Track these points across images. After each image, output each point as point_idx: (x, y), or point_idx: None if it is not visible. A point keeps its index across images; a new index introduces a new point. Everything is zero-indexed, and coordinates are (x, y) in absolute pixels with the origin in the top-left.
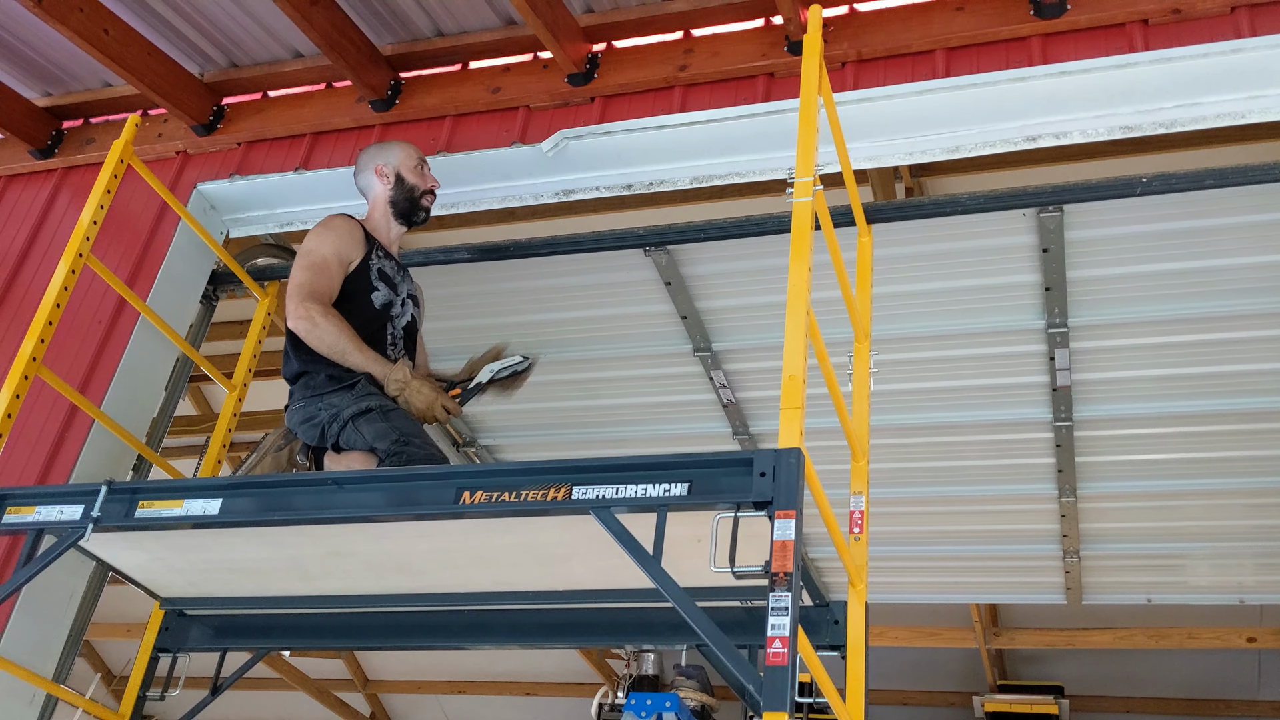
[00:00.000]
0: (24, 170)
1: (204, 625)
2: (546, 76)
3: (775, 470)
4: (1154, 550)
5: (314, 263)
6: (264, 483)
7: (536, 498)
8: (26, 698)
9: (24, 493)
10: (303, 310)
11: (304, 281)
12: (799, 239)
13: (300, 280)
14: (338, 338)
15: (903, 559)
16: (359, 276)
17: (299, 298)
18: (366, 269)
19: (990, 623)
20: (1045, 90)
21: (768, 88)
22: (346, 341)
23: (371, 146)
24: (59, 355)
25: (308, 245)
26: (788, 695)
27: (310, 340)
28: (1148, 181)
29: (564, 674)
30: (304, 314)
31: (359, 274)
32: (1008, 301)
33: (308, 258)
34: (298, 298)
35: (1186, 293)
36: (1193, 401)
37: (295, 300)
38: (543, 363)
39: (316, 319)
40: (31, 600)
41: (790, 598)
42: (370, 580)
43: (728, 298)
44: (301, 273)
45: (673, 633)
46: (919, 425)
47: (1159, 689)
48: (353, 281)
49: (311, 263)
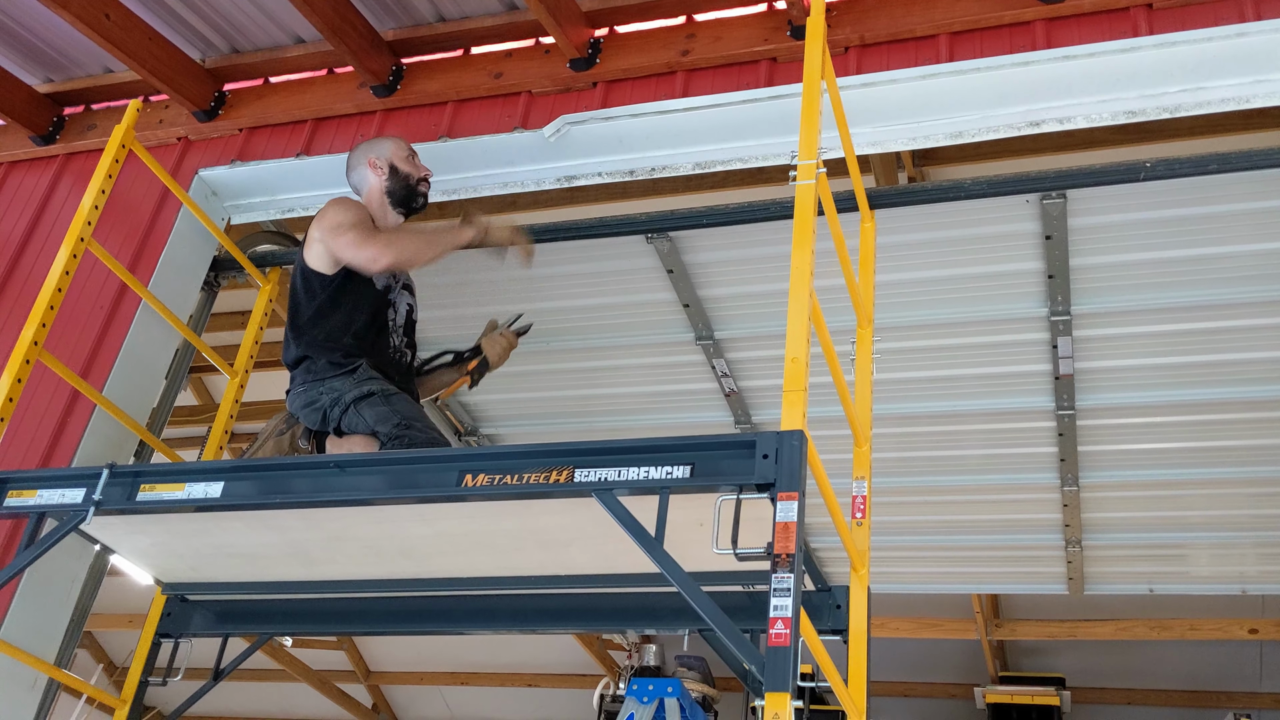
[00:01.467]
0: (25, 156)
1: (206, 610)
2: (548, 62)
3: (778, 452)
4: (1156, 540)
5: (352, 220)
6: (265, 466)
7: (538, 480)
8: (28, 682)
9: (26, 476)
10: (372, 249)
11: (354, 235)
12: (802, 222)
13: (350, 237)
14: (417, 240)
15: (904, 548)
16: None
17: (359, 244)
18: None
19: (991, 614)
20: (1049, 75)
21: (770, 73)
22: (424, 236)
23: (360, 145)
24: (61, 340)
25: (335, 218)
26: (790, 676)
27: (406, 262)
28: (1151, 166)
29: (566, 665)
30: (376, 249)
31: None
32: (1010, 289)
33: (341, 221)
34: (358, 245)
35: (1190, 280)
36: (1196, 390)
37: (357, 248)
38: (544, 351)
39: (389, 242)
40: (33, 585)
41: (792, 579)
42: (372, 565)
43: (730, 286)
44: (345, 231)
45: (675, 617)
46: (920, 414)
47: (1160, 680)
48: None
49: (349, 220)
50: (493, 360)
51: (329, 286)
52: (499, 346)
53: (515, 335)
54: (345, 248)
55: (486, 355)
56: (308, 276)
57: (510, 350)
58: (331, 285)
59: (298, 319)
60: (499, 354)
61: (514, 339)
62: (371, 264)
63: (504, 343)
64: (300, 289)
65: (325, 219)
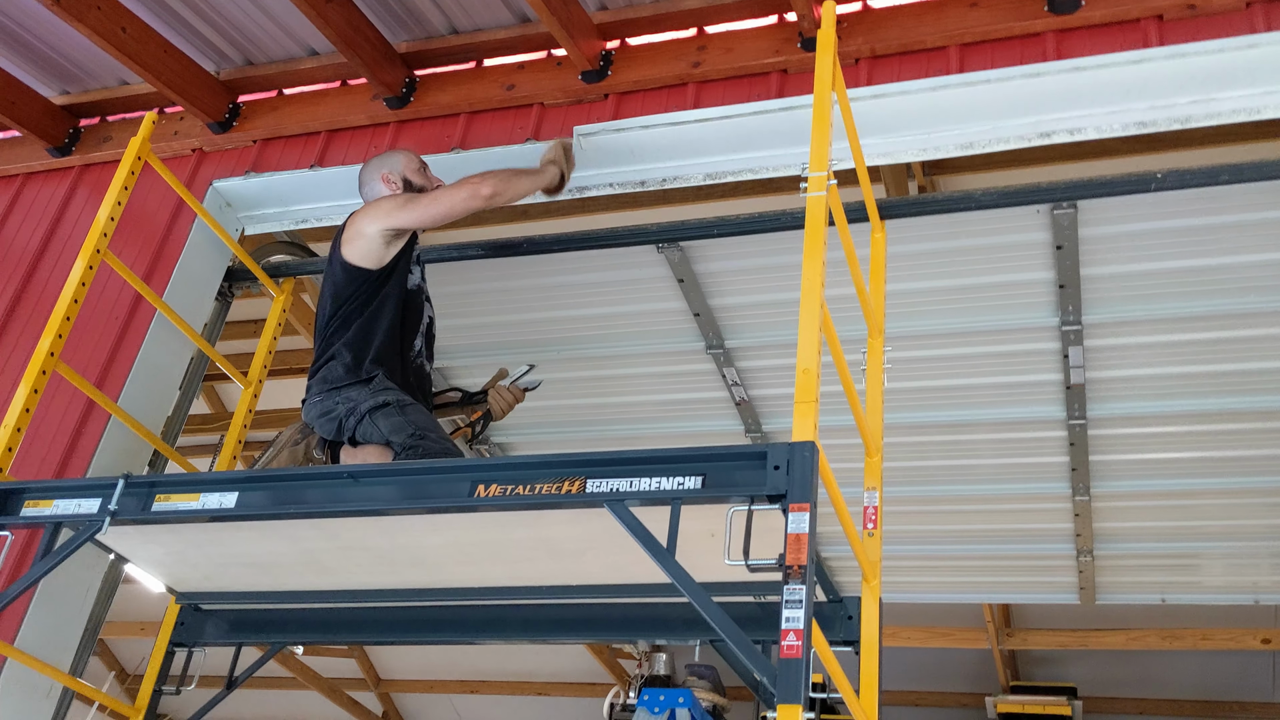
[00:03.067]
0: (41, 168)
1: (219, 620)
2: (560, 74)
3: (789, 463)
4: (1168, 550)
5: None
6: (279, 476)
7: (550, 491)
8: (44, 691)
9: (42, 486)
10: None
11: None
12: (813, 233)
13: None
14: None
15: (915, 558)
16: (405, 253)
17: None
18: (411, 247)
19: (1003, 623)
20: (1059, 86)
21: (781, 84)
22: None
23: (372, 160)
24: (76, 351)
25: (392, 201)
26: (802, 688)
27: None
28: (1162, 177)
29: (576, 674)
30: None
31: (406, 251)
32: (1021, 299)
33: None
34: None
35: (1202, 290)
36: (1208, 399)
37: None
38: (555, 360)
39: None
40: (48, 594)
41: (805, 590)
42: (385, 575)
43: (741, 295)
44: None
45: (687, 628)
46: (931, 423)
47: (1173, 690)
48: (400, 257)
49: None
50: (496, 414)
51: (369, 283)
52: (504, 401)
53: (522, 391)
54: (433, 202)
55: (491, 408)
56: (349, 273)
57: (515, 405)
58: (373, 282)
59: (329, 319)
60: (503, 409)
61: (520, 395)
62: (473, 198)
63: (510, 398)
64: (339, 286)
65: (381, 206)
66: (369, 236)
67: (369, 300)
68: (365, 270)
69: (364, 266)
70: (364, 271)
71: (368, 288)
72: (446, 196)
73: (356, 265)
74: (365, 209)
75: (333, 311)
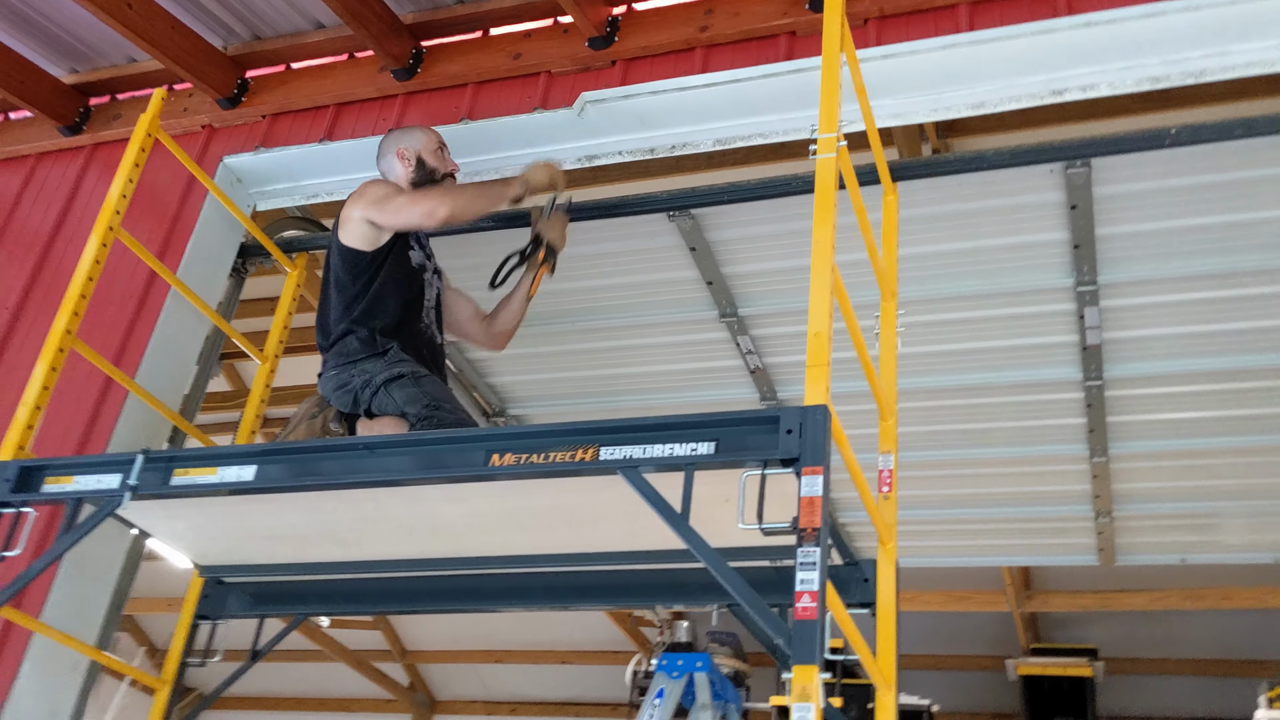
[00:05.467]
0: (53, 148)
1: (242, 592)
2: (567, 41)
3: (802, 427)
4: (1188, 509)
5: (397, 189)
6: (296, 448)
7: (564, 459)
8: (70, 664)
9: (62, 463)
10: (429, 202)
11: (405, 198)
12: (823, 196)
13: (401, 200)
14: (467, 191)
15: (933, 522)
16: (401, 233)
17: (414, 202)
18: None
19: (1022, 586)
20: (1071, 42)
21: (790, 46)
22: (474, 188)
23: (394, 131)
24: (93, 329)
25: (378, 191)
26: (817, 649)
27: (461, 212)
28: (1177, 133)
29: (598, 642)
30: (433, 202)
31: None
32: (1036, 260)
33: (386, 191)
34: (413, 203)
35: (1218, 247)
36: (1226, 358)
37: (413, 205)
38: (569, 331)
39: (444, 194)
40: (72, 569)
41: (819, 553)
42: (404, 545)
43: (753, 262)
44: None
45: (703, 592)
46: (947, 388)
47: (1194, 650)
48: (398, 238)
49: (393, 189)
50: (558, 245)
51: (367, 265)
52: (557, 229)
53: (565, 214)
54: (399, 210)
55: (550, 242)
56: (345, 257)
57: (566, 226)
58: (369, 264)
59: (332, 301)
60: (559, 236)
61: (566, 217)
62: (429, 218)
63: (560, 224)
64: (337, 270)
65: (366, 194)
66: (355, 220)
67: (371, 279)
68: (360, 251)
69: (359, 248)
70: (359, 253)
71: (367, 267)
72: (407, 209)
73: (351, 247)
74: (355, 193)
75: (338, 290)
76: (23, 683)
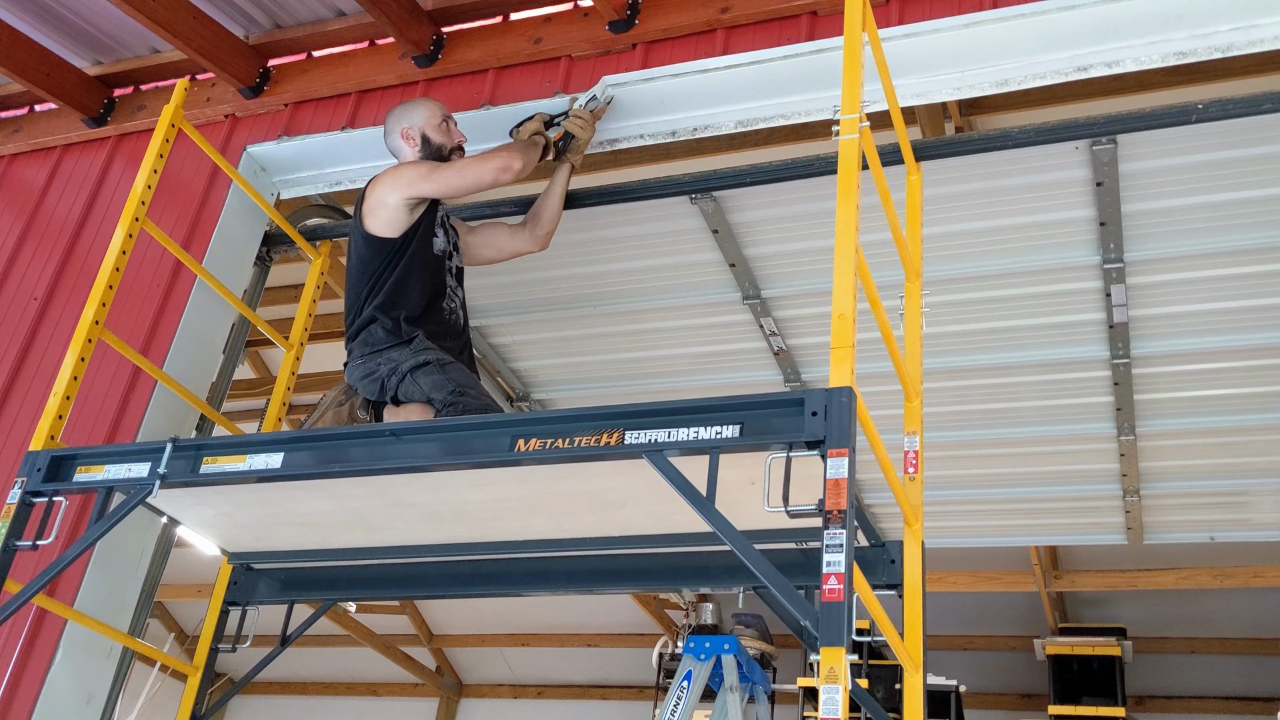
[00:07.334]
0: (79, 139)
1: (271, 579)
2: (588, 25)
3: (827, 409)
4: (1216, 487)
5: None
6: (323, 436)
7: (590, 443)
8: (104, 651)
9: (93, 452)
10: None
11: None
12: (846, 176)
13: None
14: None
15: (961, 502)
16: (427, 217)
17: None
18: (434, 211)
19: (1050, 566)
20: (1096, 18)
21: (811, 26)
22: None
23: (396, 109)
24: (120, 319)
25: (414, 170)
26: (844, 631)
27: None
28: (1203, 108)
29: (624, 625)
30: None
31: (428, 215)
32: (1062, 238)
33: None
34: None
35: (1246, 223)
36: (1253, 334)
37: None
38: (592, 315)
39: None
40: (104, 557)
41: (845, 535)
42: (430, 530)
43: (776, 244)
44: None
45: (729, 575)
46: (973, 367)
47: (1223, 629)
48: (422, 222)
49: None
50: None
51: (392, 251)
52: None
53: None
54: (463, 171)
55: (573, 129)
56: (369, 244)
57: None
58: (394, 250)
59: (356, 289)
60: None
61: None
62: (505, 172)
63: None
64: (363, 256)
65: (402, 176)
66: (391, 206)
67: (395, 266)
68: (385, 239)
69: (384, 235)
70: (384, 240)
71: (393, 255)
72: (474, 168)
73: (377, 235)
74: (387, 176)
75: (361, 279)
76: (58, 669)
